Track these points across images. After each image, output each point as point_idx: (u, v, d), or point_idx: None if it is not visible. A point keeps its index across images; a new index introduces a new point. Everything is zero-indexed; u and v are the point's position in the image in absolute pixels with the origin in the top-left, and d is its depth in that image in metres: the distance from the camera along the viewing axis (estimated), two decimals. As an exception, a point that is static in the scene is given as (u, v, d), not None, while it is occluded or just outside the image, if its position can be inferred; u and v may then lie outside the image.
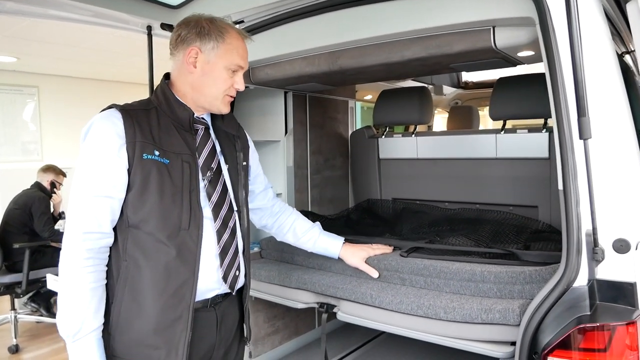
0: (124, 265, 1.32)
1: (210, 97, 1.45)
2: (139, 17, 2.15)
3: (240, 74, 1.48)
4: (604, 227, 1.28)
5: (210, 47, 1.41)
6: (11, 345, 3.86)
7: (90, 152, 1.30)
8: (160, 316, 1.31)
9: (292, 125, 2.66)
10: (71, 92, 6.41)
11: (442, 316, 1.60)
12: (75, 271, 1.26)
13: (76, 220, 1.28)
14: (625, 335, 1.23)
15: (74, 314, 1.25)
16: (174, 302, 1.32)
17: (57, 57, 5.28)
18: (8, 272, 4.06)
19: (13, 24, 3.93)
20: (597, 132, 1.29)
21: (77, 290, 1.25)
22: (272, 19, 2.04)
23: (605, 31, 1.43)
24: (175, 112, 1.42)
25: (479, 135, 2.50)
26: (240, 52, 1.45)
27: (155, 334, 1.31)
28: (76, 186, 1.30)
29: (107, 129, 1.30)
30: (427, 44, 1.73)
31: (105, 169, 1.29)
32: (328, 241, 1.88)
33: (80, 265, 1.26)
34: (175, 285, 1.32)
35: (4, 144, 5.88)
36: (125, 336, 1.31)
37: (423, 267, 1.81)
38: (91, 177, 1.29)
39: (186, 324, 1.32)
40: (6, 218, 4.25)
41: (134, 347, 1.32)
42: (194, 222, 1.36)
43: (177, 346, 1.32)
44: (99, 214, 1.29)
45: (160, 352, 1.31)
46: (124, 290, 1.31)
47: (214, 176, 1.45)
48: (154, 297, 1.31)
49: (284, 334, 2.60)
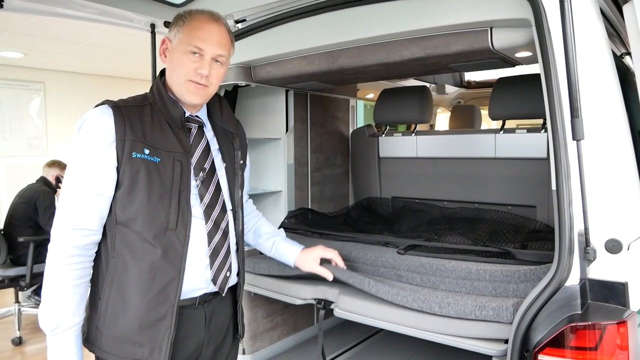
0: (112, 262, 1.32)
1: (176, 85, 1.41)
2: (143, 15, 2.17)
3: (204, 59, 1.38)
4: (596, 227, 1.29)
5: (174, 33, 1.40)
6: (14, 337, 3.92)
7: (80, 148, 1.30)
8: (145, 314, 1.31)
9: (292, 123, 2.68)
10: (76, 87, 6.45)
11: (436, 311, 1.62)
12: (60, 267, 1.26)
13: (64, 216, 1.28)
14: (616, 335, 1.24)
15: (54, 309, 1.26)
16: (159, 301, 1.31)
17: (62, 53, 5.33)
18: (13, 265, 4.11)
19: (20, 21, 3.97)
20: (591, 133, 1.30)
21: (60, 286, 1.26)
22: (273, 18, 2.06)
23: (601, 33, 1.44)
24: (168, 110, 1.40)
25: (478, 135, 2.51)
26: (201, 34, 1.37)
27: (140, 331, 1.31)
28: (67, 181, 1.31)
29: (98, 126, 1.30)
30: (425, 44, 1.75)
31: (94, 166, 1.28)
32: (287, 247, 1.82)
33: (65, 262, 1.27)
34: (160, 285, 1.31)
35: (10, 138, 5.94)
36: (112, 332, 1.32)
37: (419, 265, 1.82)
38: (81, 173, 1.29)
39: (170, 323, 1.32)
40: (11, 212, 4.29)
41: (119, 343, 1.32)
42: (182, 222, 1.34)
43: (160, 344, 1.32)
44: (87, 210, 1.29)
45: (144, 350, 1.31)
46: (111, 286, 1.32)
47: (207, 176, 1.43)
48: (139, 295, 1.30)
49: (283, 330, 2.62)
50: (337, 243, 2.12)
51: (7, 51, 5.16)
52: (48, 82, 6.21)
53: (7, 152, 5.89)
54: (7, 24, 4.11)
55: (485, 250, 1.88)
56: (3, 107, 5.86)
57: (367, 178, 2.89)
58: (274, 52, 2.14)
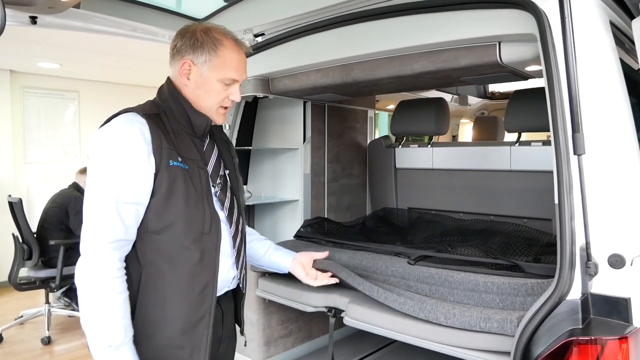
0: (144, 272, 1.31)
1: (204, 109, 1.43)
2: (167, 30, 2.27)
3: (236, 86, 1.44)
4: (599, 242, 1.29)
5: (203, 60, 1.38)
6: (44, 336, 4.05)
7: (115, 157, 1.26)
8: (187, 317, 1.33)
9: (310, 134, 2.73)
10: (109, 96, 6.67)
11: (442, 321, 1.64)
12: (107, 281, 1.23)
13: (100, 228, 1.24)
14: (618, 351, 1.23)
15: (112, 325, 1.23)
16: (198, 303, 1.35)
17: (96, 64, 5.54)
18: (44, 267, 4.28)
19: (56, 34, 4.17)
20: (595, 148, 1.31)
21: (112, 301, 1.23)
22: (289, 32, 2.12)
23: (610, 47, 1.44)
24: (189, 119, 1.41)
25: (493, 147, 2.51)
26: (234, 65, 1.41)
27: (182, 335, 1.33)
28: (96, 192, 1.25)
29: (134, 134, 1.27)
30: (435, 58, 1.78)
31: (133, 174, 1.26)
32: (281, 254, 1.80)
33: (112, 275, 1.23)
34: (199, 288, 1.35)
35: (46, 145, 6.18)
36: (152, 342, 1.32)
37: (429, 275, 1.84)
38: (117, 183, 1.25)
39: (208, 323, 1.37)
40: (44, 216, 4.48)
41: (161, 350, 1.33)
42: (214, 226, 1.39)
43: (199, 344, 1.35)
44: (127, 221, 1.26)
45: (184, 352, 1.34)
46: (146, 296, 1.31)
47: (223, 183, 1.48)
48: (180, 300, 1.32)
49: (297, 337, 2.66)
50: (349, 252, 2.15)
51: (44, 62, 5.40)
52: (82, 92, 6.44)
53: (43, 159, 6.13)
54: (44, 37, 4.32)
55: (495, 263, 1.88)
56: (40, 115, 6.12)
57: (383, 188, 2.91)
58: (291, 65, 2.21)
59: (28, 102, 5.99)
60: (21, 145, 5.95)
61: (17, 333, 4.32)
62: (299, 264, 1.80)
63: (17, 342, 4.13)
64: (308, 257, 1.82)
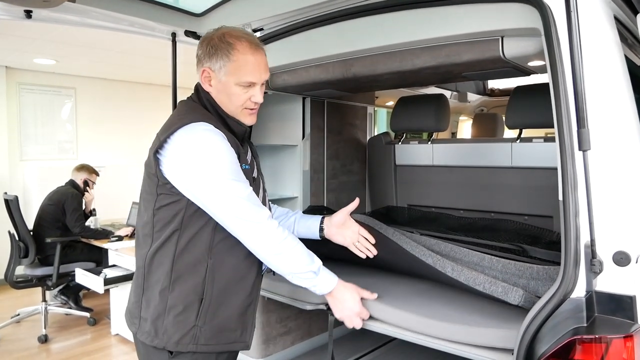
0: (210, 264, 1.45)
1: (232, 112, 1.51)
2: (165, 25, 2.25)
3: (256, 87, 1.49)
4: (604, 239, 1.27)
5: (219, 66, 1.45)
6: (41, 335, 4.04)
7: (218, 161, 1.38)
8: (243, 302, 1.52)
9: (309, 130, 2.71)
10: (106, 93, 6.64)
11: (448, 271, 1.61)
12: (283, 236, 1.45)
13: (250, 208, 1.41)
14: (623, 349, 1.22)
15: (306, 255, 1.49)
16: (251, 289, 1.54)
17: (93, 60, 5.50)
18: (40, 265, 4.26)
19: (53, 29, 4.13)
20: (600, 143, 1.29)
21: (293, 240, 1.48)
22: (288, 27, 2.10)
23: (614, 42, 1.42)
24: (229, 126, 1.50)
25: (494, 144, 2.49)
26: (249, 68, 1.46)
27: (238, 318, 1.51)
28: (223, 195, 1.38)
29: (221, 142, 1.40)
30: (436, 53, 1.75)
31: (240, 173, 1.43)
32: (309, 220, 1.80)
33: (276, 224, 1.45)
34: (253, 275, 1.54)
35: (43, 142, 6.14)
36: (214, 323, 1.46)
37: (434, 244, 1.84)
38: (233, 179, 1.40)
39: (255, 306, 1.58)
40: (41, 213, 4.45)
41: (217, 332, 1.47)
42: None
43: (246, 326, 1.54)
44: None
45: (236, 333, 1.51)
46: (212, 286, 1.45)
47: (256, 183, 1.58)
48: (237, 287, 1.50)
49: (296, 335, 2.64)
50: None
51: (40, 58, 5.35)
52: (79, 88, 6.41)
53: (39, 156, 6.10)
54: (40, 32, 4.28)
55: (501, 247, 1.88)
56: (36, 112, 6.08)
57: (383, 185, 2.90)
58: (290, 61, 2.18)
59: (24, 99, 5.96)
60: (17, 142, 5.92)
61: (13, 331, 4.30)
62: (332, 225, 1.72)
63: (14, 340, 4.11)
64: (340, 215, 1.72)
